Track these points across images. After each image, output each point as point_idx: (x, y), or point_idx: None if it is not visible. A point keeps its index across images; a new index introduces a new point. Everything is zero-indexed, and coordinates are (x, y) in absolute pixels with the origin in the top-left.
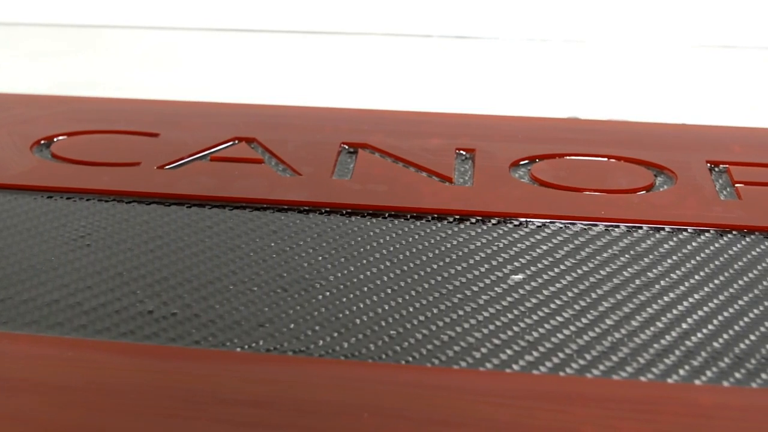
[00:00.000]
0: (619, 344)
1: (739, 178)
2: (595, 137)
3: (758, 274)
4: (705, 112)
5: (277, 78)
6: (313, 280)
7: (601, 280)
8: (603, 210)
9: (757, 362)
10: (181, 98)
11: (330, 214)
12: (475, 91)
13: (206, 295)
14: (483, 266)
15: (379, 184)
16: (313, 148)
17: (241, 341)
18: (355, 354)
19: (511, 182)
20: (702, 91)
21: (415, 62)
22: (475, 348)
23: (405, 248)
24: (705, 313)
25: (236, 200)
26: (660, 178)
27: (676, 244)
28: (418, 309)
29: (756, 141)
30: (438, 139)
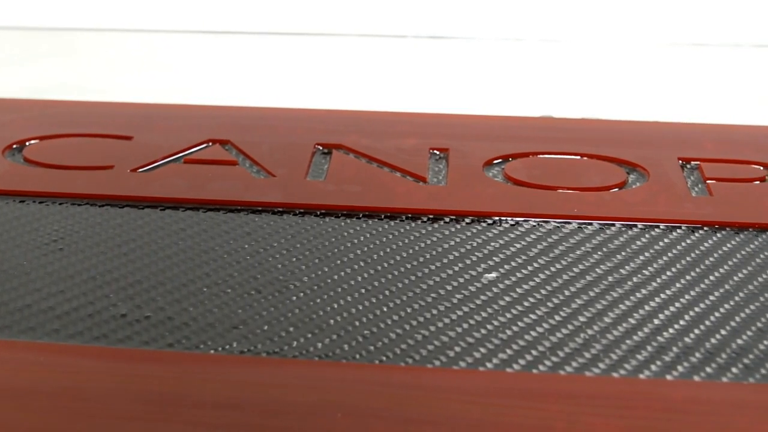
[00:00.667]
0: (592, 341)
1: (711, 174)
2: (568, 136)
3: (729, 270)
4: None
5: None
6: (287, 281)
7: (574, 277)
8: (576, 208)
9: (727, 356)
10: (155, 101)
11: (304, 215)
12: (449, 90)
13: (180, 297)
14: (456, 265)
15: (353, 184)
16: (287, 150)
17: (215, 343)
18: (329, 354)
19: (485, 181)
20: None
21: (389, 63)
22: (449, 347)
23: (379, 248)
24: (676, 308)
25: (210, 202)
26: (632, 175)
27: (648, 241)
28: (391, 308)
29: (727, 137)
30: (412, 139)
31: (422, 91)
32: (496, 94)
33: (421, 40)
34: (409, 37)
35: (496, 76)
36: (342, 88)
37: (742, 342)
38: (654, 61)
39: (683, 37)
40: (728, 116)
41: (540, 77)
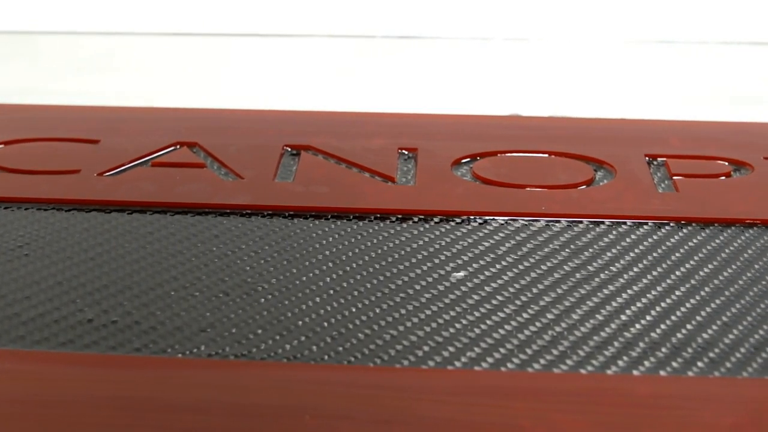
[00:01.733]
0: (560, 338)
1: (677, 170)
2: (535, 134)
3: (694, 265)
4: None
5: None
6: (255, 284)
7: (542, 275)
8: (544, 206)
9: (693, 351)
10: (121, 104)
11: (272, 216)
12: (417, 90)
13: (147, 301)
14: (425, 264)
15: (321, 185)
16: (255, 152)
17: (183, 347)
18: (297, 356)
19: (453, 180)
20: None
21: (357, 63)
22: (417, 346)
23: (347, 249)
24: (643, 304)
25: (178, 205)
26: (600, 172)
27: (616, 238)
28: (360, 309)
29: (693, 134)
30: (380, 140)
31: (390, 91)
32: (465, 94)
33: (390, 40)
34: (378, 38)
35: (464, 75)
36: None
37: (707, 336)
38: (621, 59)
39: (650, 35)
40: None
41: (508, 76)
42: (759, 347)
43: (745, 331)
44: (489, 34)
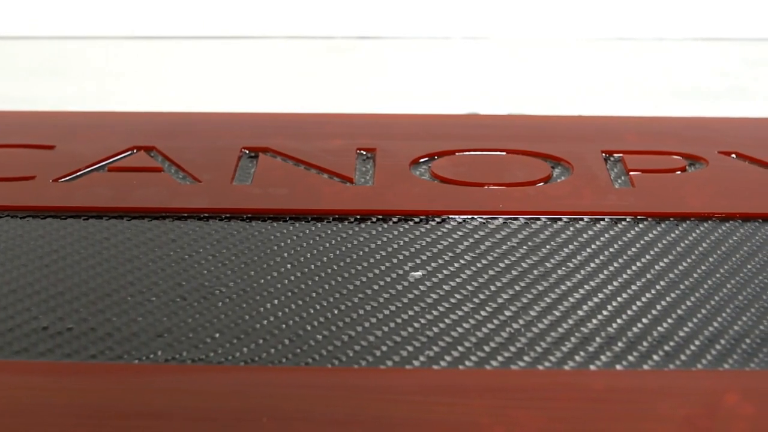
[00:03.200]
0: (517, 335)
1: (633, 166)
2: (493, 132)
3: (650, 259)
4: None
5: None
6: (212, 288)
7: (500, 272)
8: (501, 203)
9: (648, 344)
10: (77, 109)
11: (230, 220)
12: (376, 90)
13: (103, 308)
14: (383, 265)
15: (279, 187)
16: (213, 155)
17: (139, 353)
18: (255, 359)
19: (412, 180)
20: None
21: (316, 64)
22: (375, 346)
23: (305, 250)
24: (600, 299)
25: (134, 210)
26: (557, 169)
27: (573, 234)
28: (318, 311)
29: (649, 130)
30: (339, 140)
31: (349, 92)
32: (424, 93)
33: (348, 40)
34: (337, 38)
35: (423, 74)
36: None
37: (663, 330)
38: (578, 56)
39: (607, 32)
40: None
41: (466, 75)
42: (713, 339)
43: (700, 324)
44: (448, 33)
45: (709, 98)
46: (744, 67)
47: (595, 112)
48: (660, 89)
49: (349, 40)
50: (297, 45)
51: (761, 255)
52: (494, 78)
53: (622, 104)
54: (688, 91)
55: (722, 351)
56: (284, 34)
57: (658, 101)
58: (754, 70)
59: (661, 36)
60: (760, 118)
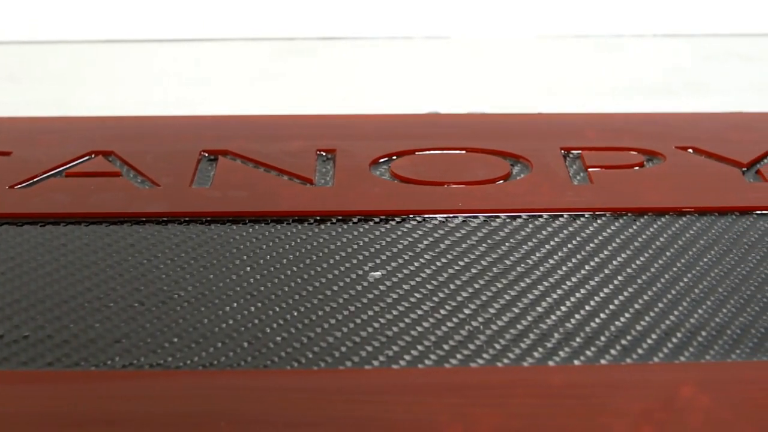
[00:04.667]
0: (476, 332)
1: (592, 162)
2: (453, 131)
3: (608, 255)
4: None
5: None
6: (171, 292)
7: (459, 270)
8: (461, 202)
9: (606, 339)
10: (34, 114)
11: (189, 223)
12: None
13: (60, 314)
14: (343, 265)
15: (239, 190)
16: (172, 158)
17: (96, 359)
18: (213, 363)
19: (372, 180)
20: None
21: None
22: (335, 347)
23: (265, 253)
24: (558, 295)
25: (92, 216)
26: (516, 167)
27: (532, 231)
28: (277, 313)
29: (608, 126)
30: (299, 142)
31: (309, 93)
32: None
33: (310, 41)
34: (297, 40)
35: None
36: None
37: (620, 324)
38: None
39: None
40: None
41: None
42: (669, 333)
43: (657, 318)
44: (410, 33)
45: (666, 94)
46: (700, 63)
47: (554, 109)
48: (618, 86)
49: (309, 41)
50: (256, 47)
51: (717, 248)
52: (455, 77)
53: (581, 101)
54: (645, 87)
55: (678, 344)
56: (243, 36)
57: (616, 98)
58: (710, 65)
59: (619, 33)
60: (716, 113)
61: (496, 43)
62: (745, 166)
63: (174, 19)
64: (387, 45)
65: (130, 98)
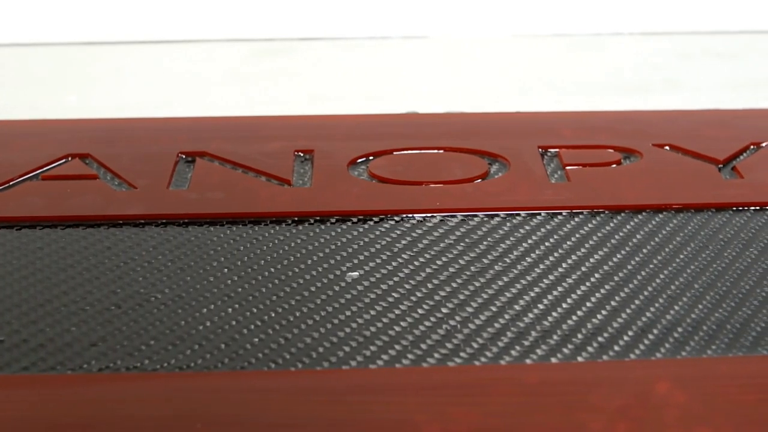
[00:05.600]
0: (454, 331)
1: (569, 161)
2: (431, 130)
3: (585, 252)
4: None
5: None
6: (148, 294)
7: (437, 270)
8: (439, 201)
9: (583, 336)
10: (8, 117)
11: (167, 225)
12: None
13: (36, 318)
14: (321, 266)
15: (216, 191)
16: (149, 160)
17: (73, 363)
18: (190, 365)
19: (350, 180)
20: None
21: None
22: (312, 348)
23: (242, 254)
24: (536, 293)
25: (69, 219)
26: (494, 166)
27: (510, 229)
28: (254, 314)
29: (585, 124)
30: (277, 143)
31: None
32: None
33: (288, 42)
34: (275, 40)
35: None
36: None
37: (597, 321)
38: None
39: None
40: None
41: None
42: (646, 329)
43: (633, 314)
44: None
45: (642, 92)
46: (676, 60)
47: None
48: (595, 84)
49: (286, 42)
50: (234, 48)
51: (693, 245)
52: (433, 76)
53: (558, 100)
54: (622, 85)
55: (655, 340)
56: (220, 37)
57: (593, 96)
58: (686, 62)
59: (596, 31)
60: (692, 110)
61: (474, 43)
62: (722, 162)
63: (150, 21)
64: (365, 45)
65: (107, 101)
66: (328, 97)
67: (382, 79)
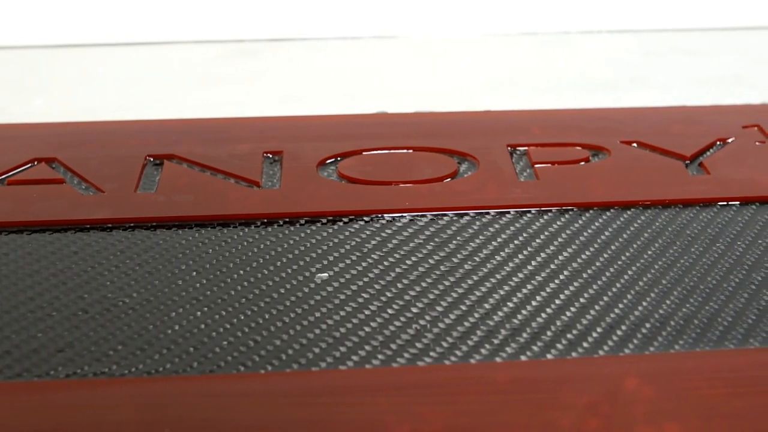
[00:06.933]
0: (424, 331)
1: (538, 159)
2: (401, 130)
3: (554, 250)
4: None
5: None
6: (115, 299)
7: (407, 270)
8: (408, 201)
9: (552, 334)
10: None
11: (134, 229)
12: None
13: (1, 325)
14: (290, 268)
15: (185, 194)
16: (117, 164)
17: (39, 369)
18: (158, 370)
19: (319, 181)
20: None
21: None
22: (281, 350)
23: (211, 257)
24: (505, 291)
25: (35, 224)
26: (463, 165)
27: (479, 228)
28: (223, 317)
29: (554, 122)
30: (246, 145)
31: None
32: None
33: (258, 43)
34: (245, 41)
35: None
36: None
37: (566, 318)
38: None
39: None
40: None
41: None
42: (614, 325)
43: (602, 311)
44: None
45: (611, 89)
46: (643, 58)
47: (500, 106)
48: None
49: (255, 43)
50: (202, 49)
51: (661, 241)
52: (403, 76)
53: (528, 98)
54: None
55: (623, 337)
56: (188, 39)
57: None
58: (653, 60)
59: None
60: (660, 107)
61: (444, 42)
62: (689, 159)
63: (117, 24)
64: (335, 45)
65: (74, 104)
66: (298, 98)
67: (352, 79)
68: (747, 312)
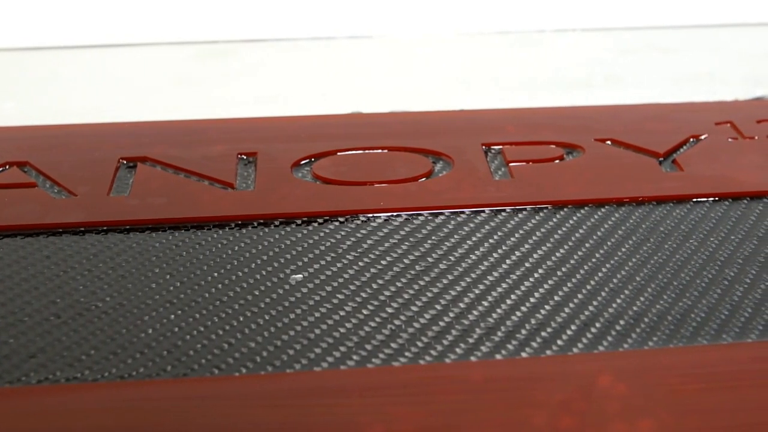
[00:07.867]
0: (399, 331)
1: (512, 157)
2: (375, 130)
3: (529, 248)
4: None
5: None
6: (88, 303)
7: (382, 270)
8: (383, 201)
9: (527, 332)
10: None
11: (107, 232)
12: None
13: None
14: (264, 270)
15: (158, 197)
16: (90, 167)
17: (10, 375)
18: (132, 374)
19: (293, 182)
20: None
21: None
22: (256, 352)
23: (185, 259)
24: (480, 290)
25: (6, 228)
26: (438, 164)
27: (454, 227)
28: (197, 320)
29: (528, 121)
30: (220, 146)
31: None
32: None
33: (232, 44)
34: (219, 42)
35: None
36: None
37: (540, 317)
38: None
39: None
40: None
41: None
42: (588, 323)
43: (576, 309)
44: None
45: (585, 87)
46: (617, 56)
47: (475, 105)
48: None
49: (229, 44)
50: (175, 50)
51: (635, 238)
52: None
53: (502, 97)
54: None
55: (597, 334)
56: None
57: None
58: (627, 58)
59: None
60: (633, 105)
61: (418, 42)
62: (662, 156)
63: (89, 25)
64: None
65: (46, 107)
66: (272, 98)
67: (327, 79)
68: (720, 308)
